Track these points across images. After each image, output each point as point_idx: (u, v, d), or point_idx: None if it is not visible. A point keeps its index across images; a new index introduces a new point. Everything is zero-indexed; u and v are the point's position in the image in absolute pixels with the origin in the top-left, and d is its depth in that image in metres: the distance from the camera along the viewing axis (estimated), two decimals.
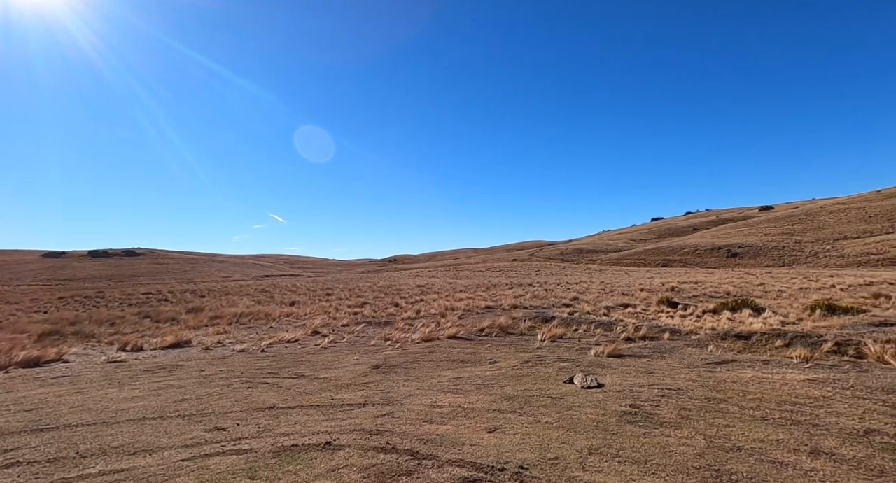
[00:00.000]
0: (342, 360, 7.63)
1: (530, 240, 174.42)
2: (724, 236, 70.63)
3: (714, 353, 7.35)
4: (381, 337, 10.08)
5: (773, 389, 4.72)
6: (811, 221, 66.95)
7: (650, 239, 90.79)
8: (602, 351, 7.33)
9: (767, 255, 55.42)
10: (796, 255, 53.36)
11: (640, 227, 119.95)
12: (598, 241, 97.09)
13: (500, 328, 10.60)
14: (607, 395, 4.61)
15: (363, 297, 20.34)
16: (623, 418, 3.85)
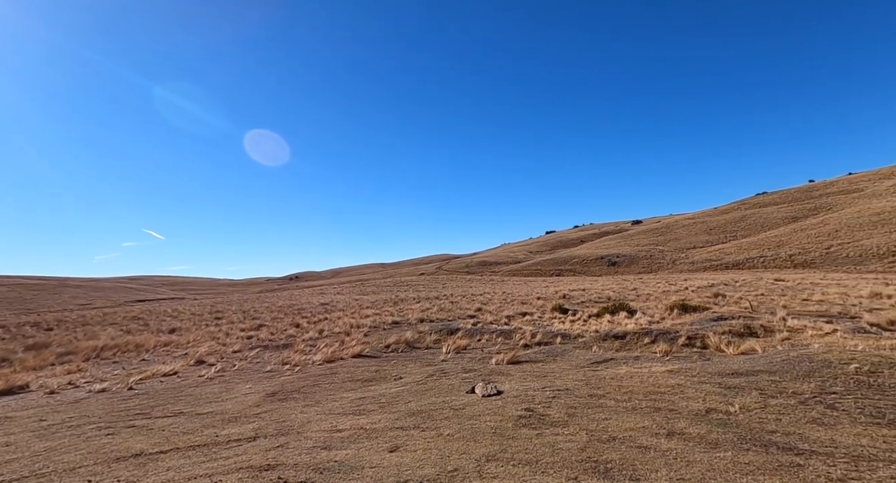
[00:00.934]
0: (231, 391, 6.90)
1: (437, 253, 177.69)
2: (605, 247, 79.78)
3: (597, 353, 8.18)
4: (279, 361, 9.36)
5: (641, 382, 5.40)
6: (670, 234, 78.97)
7: (545, 251, 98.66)
8: (502, 359, 7.70)
9: (639, 263, 63.86)
10: (660, 262, 62.31)
11: (536, 239, 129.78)
12: (501, 254, 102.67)
13: (407, 343, 10.56)
14: (506, 402, 4.85)
15: (259, 319, 18.73)
16: (519, 422, 4.07)
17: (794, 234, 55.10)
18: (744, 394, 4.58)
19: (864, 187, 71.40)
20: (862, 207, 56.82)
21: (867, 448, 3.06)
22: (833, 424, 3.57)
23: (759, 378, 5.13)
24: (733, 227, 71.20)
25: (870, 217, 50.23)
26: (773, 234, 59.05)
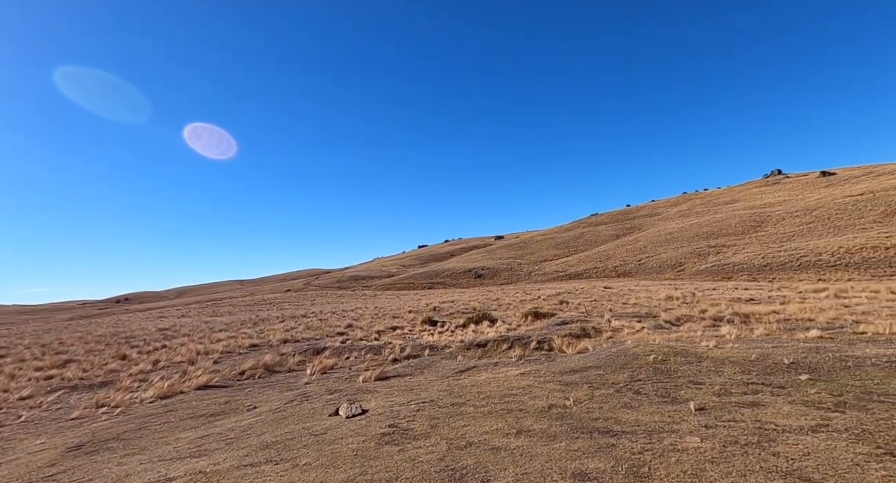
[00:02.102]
0: (11, 451, 5.32)
1: (306, 268, 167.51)
2: (472, 261, 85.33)
3: (461, 362, 8.61)
4: (93, 403, 7.60)
5: (498, 386, 5.85)
6: (526, 248, 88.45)
7: (417, 264, 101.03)
8: (370, 375, 7.55)
9: (501, 275, 69.89)
10: (519, 274, 69.19)
11: (409, 253, 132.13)
12: (373, 268, 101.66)
13: (266, 368, 9.61)
14: (370, 421, 4.74)
15: (67, 353, 14.97)
16: (381, 440, 4.01)
17: (617, 248, 66.90)
18: (577, 388, 5.31)
19: (661, 212, 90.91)
20: (660, 228, 72.13)
21: (658, 423, 3.82)
22: (637, 406, 4.38)
23: (589, 373, 6.02)
24: (574, 243, 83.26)
25: (665, 236, 64.00)
26: (602, 248, 70.75)
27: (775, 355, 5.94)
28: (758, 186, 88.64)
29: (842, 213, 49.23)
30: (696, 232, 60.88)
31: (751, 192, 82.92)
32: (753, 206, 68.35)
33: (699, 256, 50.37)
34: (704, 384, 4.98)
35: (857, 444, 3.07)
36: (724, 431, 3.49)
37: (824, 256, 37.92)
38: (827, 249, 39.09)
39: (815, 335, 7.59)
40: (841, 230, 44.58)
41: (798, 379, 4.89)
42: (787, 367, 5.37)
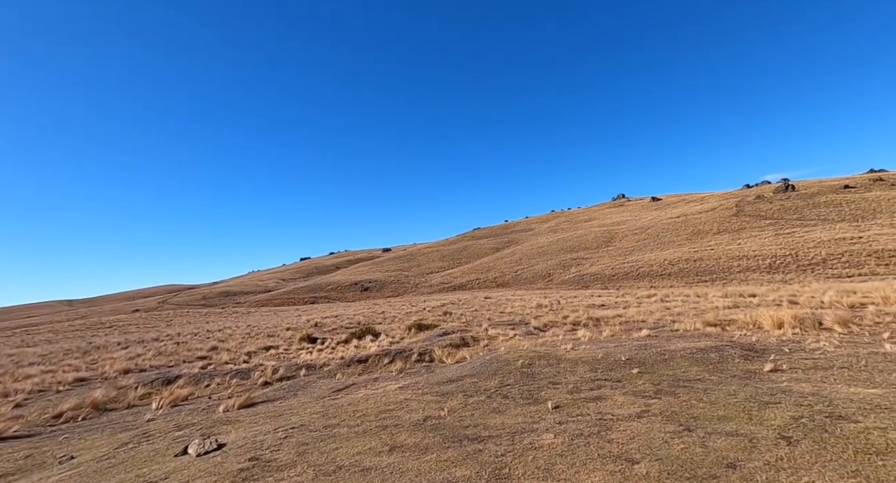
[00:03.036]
0: None
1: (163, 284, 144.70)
2: (358, 273, 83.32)
3: (340, 380, 8.23)
4: None
5: (375, 403, 5.72)
6: (414, 260, 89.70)
7: (299, 278, 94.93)
8: (233, 404, 6.74)
9: (388, 288, 69.50)
10: (406, 286, 69.63)
11: (290, 266, 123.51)
12: (248, 282, 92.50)
13: (95, 406, 7.94)
14: (226, 456, 4.19)
15: None
16: (238, 477, 3.57)
17: (496, 261, 71.97)
18: (453, 398, 5.47)
19: (534, 228, 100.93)
20: (533, 242, 79.86)
21: (520, 424, 4.13)
22: (505, 410, 4.68)
23: (465, 382, 6.27)
24: (459, 255, 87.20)
25: (537, 249, 71.04)
26: (483, 261, 75.42)
27: (616, 353, 6.94)
28: (608, 207, 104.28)
29: (666, 232, 60.54)
30: (561, 246, 68.78)
31: (603, 212, 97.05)
32: (605, 224, 79.95)
33: (564, 268, 56.92)
34: (561, 384, 5.57)
35: (667, 424, 3.72)
36: (573, 426, 3.92)
37: (655, 267, 46.04)
38: (657, 261, 47.55)
39: (645, 334, 9.10)
40: (666, 246, 54.74)
41: (631, 372, 5.77)
42: (623, 363, 6.31)
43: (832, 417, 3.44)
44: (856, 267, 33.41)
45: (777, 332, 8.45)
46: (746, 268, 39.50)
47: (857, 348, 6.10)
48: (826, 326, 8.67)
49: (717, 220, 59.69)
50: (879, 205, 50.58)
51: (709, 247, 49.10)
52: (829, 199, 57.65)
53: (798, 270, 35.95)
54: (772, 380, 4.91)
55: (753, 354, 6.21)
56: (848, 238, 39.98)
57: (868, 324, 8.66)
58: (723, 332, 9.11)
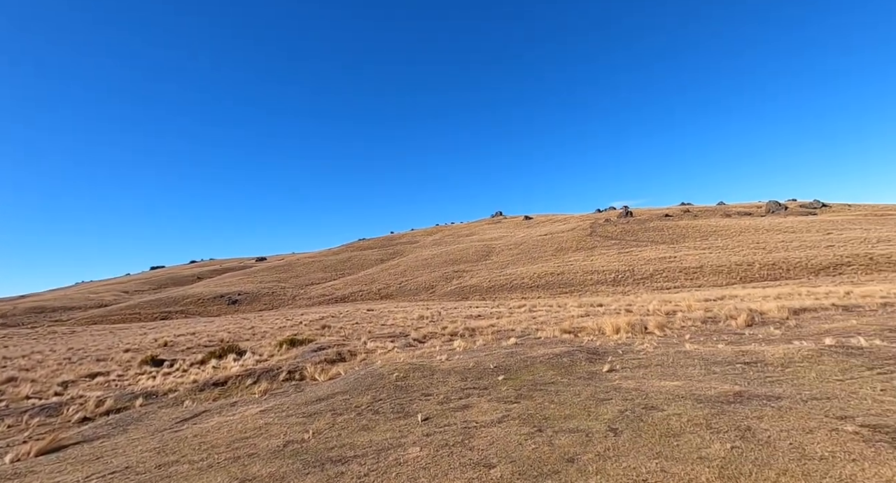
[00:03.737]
0: None
1: None
2: (226, 284, 74.63)
3: (189, 408, 7.15)
4: None
5: (229, 431, 5.07)
6: (292, 271, 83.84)
7: (148, 289, 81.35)
8: (29, 450, 5.32)
9: (261, 300, 63.56)
10: (282, 298, 64.52)
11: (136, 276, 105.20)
12: (75, 295, 75.86)
13: None
14: None
15: None
16: None
17: (381, 272, 71.35)
18: (321, 418, 5.14)
19: (419, 240, 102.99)
20: (417, 254, 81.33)
21: (388, 440, 4.05)
22: (374, 427, 4.55)
23: (336, 399, 5.96)
24: (342, 266, 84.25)
25: (422, 262, 72.49)
26: (368, 272, 74.13)
27: (486, 362, 7.35)
28: (487, 223, 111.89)
29: (536, 248, 67.23)
30: (444, 259, 71.35)
31: (482, 228, 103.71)
32: (484, 239, 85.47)
33: (446, 280, 59.03)
34: (433, 395, 5.66)
35: (523, 426, 4.03)
36: (439, 437, 3.98)
37: (526, 280, 50.59)
38: (528, 275, 52.34)
39: (513, 342, 9.86)
40: (535, 260, 60.70)
41: (497, 380, 6.16)
42: (492, 371, 6.70)
43: (647, 408, 4.11)
44: (672, 281, 41.35)
45: (615, 337, 9.91)
46: (597, 281, 45.93)
47: (668, 348, 7.47)
48: (650, 331, 10.47)
49: (575, 239, 68.51)
50: (687, 231, 63.80)
51: (569, 262, 55.98)
52: (655, 224, 70.73)
53: (634, 283, 43.07)
54: (608, 379, 5.70)
55: (596, 357, 7.16)
56: (667, 257, 49.41)
57: (677, 327, 10.71)
58: (575, 338, 10.36)
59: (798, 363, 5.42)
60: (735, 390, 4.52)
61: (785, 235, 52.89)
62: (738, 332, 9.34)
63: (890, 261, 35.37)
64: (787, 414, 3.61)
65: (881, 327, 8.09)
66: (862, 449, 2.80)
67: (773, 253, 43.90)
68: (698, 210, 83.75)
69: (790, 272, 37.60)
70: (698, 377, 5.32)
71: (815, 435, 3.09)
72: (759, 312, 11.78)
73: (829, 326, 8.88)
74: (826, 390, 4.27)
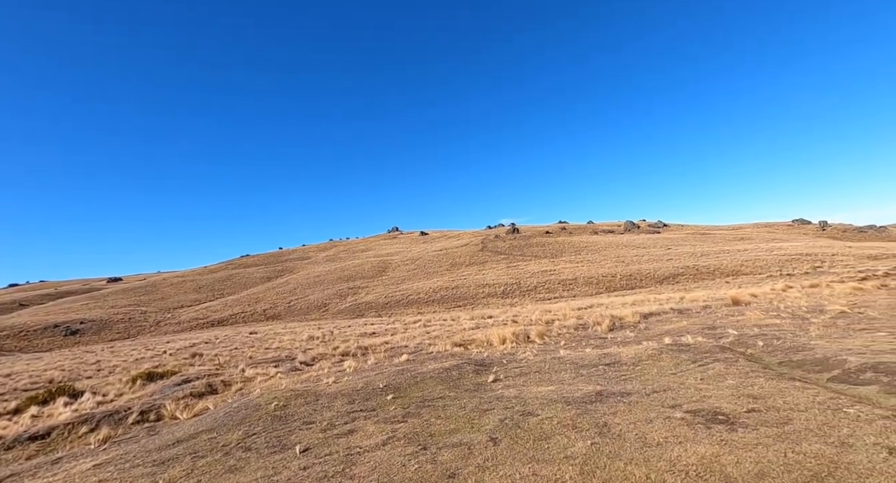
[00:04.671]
0: None
1: None
2: (63, 311, 61.47)
3: None
4: None
5: None
6: (156, 292, 72.62)
7: None
8: None
9: (113, 329, 53.61)
10: (142, 325, 55.25)
11: None
12: None
13: None
14: None
15: None
16: None
17: (267, 291, 65.75)
18: (177, 464, 4.42)
19: (311, 256, 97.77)
20: (309, 271, 77.02)
21: (258, 480, 3.63)
22: (243, 467, 4.05)
23: (199, 439, 5.19)
24: (221, 286, 75.66)
25: (314, 279, 68.74)
26: (252, 291, 67.73)
27: (376, 381, 7.14)
28: (383, 239, 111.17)
29: (432, 263, 68.63)
30: (339, 275, 68.71)
31: (378, 244, 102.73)
32: (380, 254, 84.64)
33: (341, 297, 56.78)
34: (315, 422, 5.27)
35: (409, 446, 3.96)
36: (318, 468, 3.70)
37: (422, 295, 51.14)
38: (423, 289, 52.99)
39: (405, 359, 9.78)
40: (431, 275, 61.87)
41: (386, 399, 6.00)
42: (381, 390, 6.52)
43: (524, 414, 4.37)
44: (552, 292, 45.61)
45: (501, 347, 10.47)
46: (488, 294, 48.48)
47: (546, 355, 8.13)
48: (531, 339, 11.30)
49: (468, 254, 71.72)
50: (564, 247, 71.38)
51: (463, 276, 58.24)
52: (538, 240, 77.72)
53: (520, 295, 46.45)
54: (492, 389, 5.95)
55: (483, 368, 7.45)
56: (548, 270, 54.49)
57: (554, 335, 11.75)
58: (465, 350, 10.69)
59: (645, 361, 6.31)
60: (597, 390, 5.07)
61: (638, 250, 62.33)
62: (603, 337, 10.59)
63: (710, 271, 43.91)
64: (635, 407, 4.15)
65: (703, 326, 9.90)
66: (686, 432, 3.32)
67: (630, 265, 51.31)
68: (573, 228, 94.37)
69: (642, 282, 44.27)
70: (569, 380, 5.85)
71: (654, 424, 3.60)
72: (619, 318, 13.55)
73: (668, 328, 10.58)
74: (664, 383, 5.03)
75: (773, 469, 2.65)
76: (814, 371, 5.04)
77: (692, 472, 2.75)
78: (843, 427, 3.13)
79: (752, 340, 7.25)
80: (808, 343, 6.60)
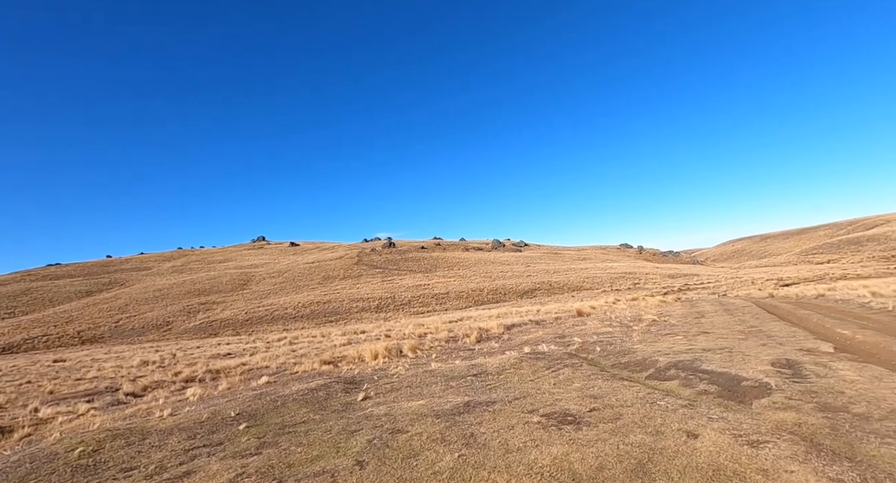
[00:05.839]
0: None
1: None
2: None
3: None
4: None
5: None
6: None
7: None
8: None
9: None
10: None
11: None
12: None
13: None
14: None
15: None
16: None
17: (86, 308, 53.48)
18: None
19: (152, 266, 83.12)
20: (149, 284, 65.22)
21: None
22: None
23: None
24: (12, 303, 59.01)
25: (154, 292, 58.33)
26: (63, 308, 54.35)
27: (226, 410, 6.21)
28: (246, 249, 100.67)
29: (302, 276, 64.36)
30: (188, 289, 59.62)
31: (241, 254, 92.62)
32: (242, 266, 76.30)
33: (189, 314, 49.17)
34: (139, 467, 4.31)
35: (263, 480, 3.48)
36: None
37: (289, 310, 47.39)
38: (292, 304, 49.19)
39: (265, 381, 8.79)
40: (300, 289, 57.89)
41: (238, 429, 5.25)
42: (232, 420, 5.69)
43: (393, 432, 4.24)
44: (426, 305, 46.68)
45: (374, 363, 10.19)
46: (362, 308, 47.28)
47: (418, 369, 8.15)
48: (404, 353, 11.26)
49: (343, 267, 69.27)
50: (438, 262, 74.12)
51: (336, 290, 55.82)
52: (414, 255, 79.22)
53: (395, 309, 46.42)
54: (361, 408, 5.68)
55: (353, 386, 7.10)
56: (423, 285, 55.76)
57: (426, 348, 11.92)
58: (335, 368, 10.11)
59: (508, 370, 6.77)
60: (465, 401, 5.22)
61: (503, 267, 68.11)
62: (471, 348, 11.12)
63: (561, 286, 50.22)
64: (499, 415, 4.37)
65: (555, 335, 11.13)
66: (542, 434, 3.60)
67: (497, 281, 55.66)
68: (447, 244, 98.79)
69: (506, 296, 48.35)
70: (439, 393, 5.92)
71: (515, 430, 3.82)
72: (486, 330, 14.45)
73: (527, 337, 11.64)
74: (524, 390, 5.43)
75: (609, 461, 3.01)
76: (636, 371, 6.01)
77: (546, 472, 2.96)
78: (657, 417, 3.75)
79: (592, 346, 8.38)
80: (632, 347, 7.90)
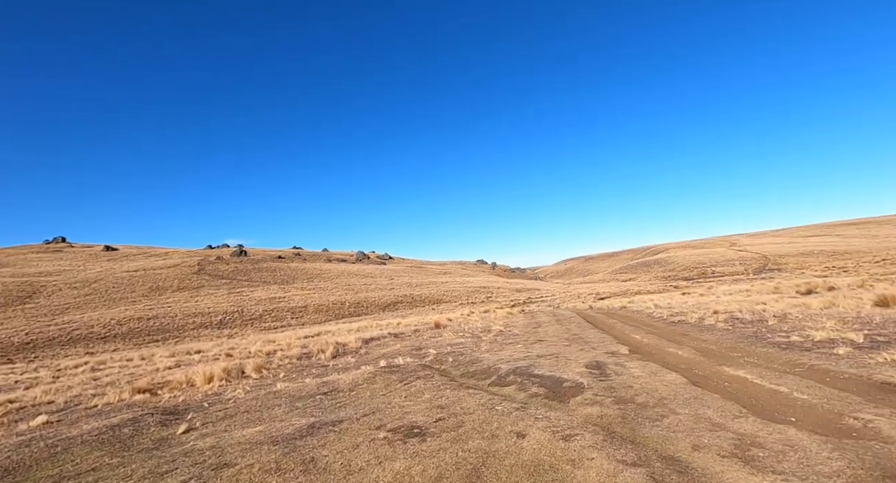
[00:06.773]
0: None
1: None
2: None
3: None
4: None
5: None
6: None
7: None
8: None
9: None
10: None
11: None
12: None
13: None
14: None
15: None
16: None
17: None
18: None
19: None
20: None
21: None
22: None
23: None
24: None
25: None
26: None
27: None
28: (38, 251, 78.82)
29: (119, 287, 52.98)
30: None
31: (26, 258, 72.03)
32: (26, 273, 59.37)
33: None
34: None
35: None
36: None
37: (97, 328, 38.36)
38: (100, 321, 39.93)
39: (42, 421, 6.80)
40: (116, 302, 47.50)
41: None
42: None
43: (218, 468, 3.66)
44: (280, 320, 42.92)
45: (206, 387, 8.81)
46: (201, 324, 40.97)
47: (261, 391, 7.33)
48: (247, 374, 10.03)
49: (178, 277, 59.25)
50: (297, 273, 69.20)
51: (167, 304, 47.28)
52: (269, 265, 72.42)
53: (242, 324, 41.45)
54: (181, 442, 4.80)
55: (173, 418, 5.99)
56: (277, 297, 51.20)
57: (275, 367, 10.86)
58: (153, 397, 8.43)
59: (360, 386, 6.56)
60: (310, 422, 4.84)
61: (367, 280, 67.13)
62: (325, 365, 10.51)
63: (422, 299, 51.67)
64: (345, 435, 4.15)
65: (412, 347, 11.30)
66: (386, 451, 3.53)
67: (359, 293, 54.48)
68: (307, 254, 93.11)
69: (368, 309, 47.62)
70: (281, 417, 5.39)
71: (360, 449, 3.67)
72: (343, 344, 13.87)
73: (385, 351, 11.54)
74: (374, 405, 5.30)
75: (448, 470, 3.10)
76: (481, 378, 6.44)
77: None
78: (494, 421, 4.04)
79: (446, 357, 8.73)
80: (480, 356, 8.48)
